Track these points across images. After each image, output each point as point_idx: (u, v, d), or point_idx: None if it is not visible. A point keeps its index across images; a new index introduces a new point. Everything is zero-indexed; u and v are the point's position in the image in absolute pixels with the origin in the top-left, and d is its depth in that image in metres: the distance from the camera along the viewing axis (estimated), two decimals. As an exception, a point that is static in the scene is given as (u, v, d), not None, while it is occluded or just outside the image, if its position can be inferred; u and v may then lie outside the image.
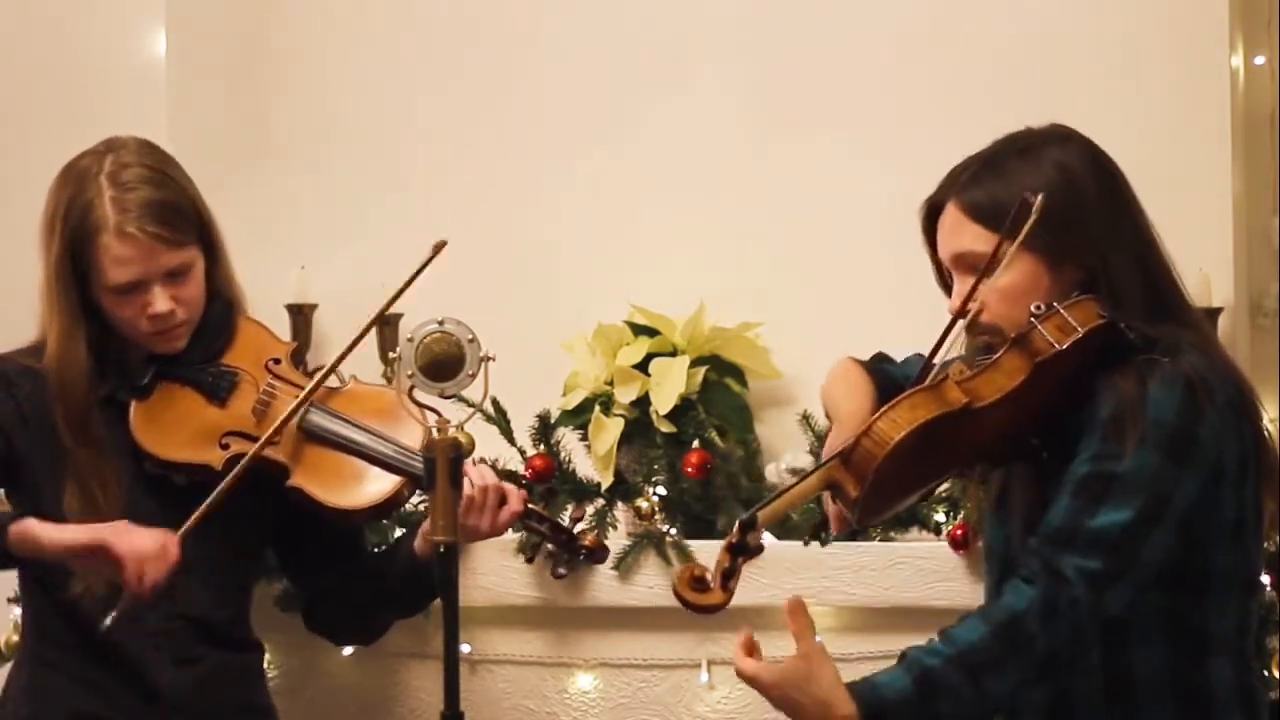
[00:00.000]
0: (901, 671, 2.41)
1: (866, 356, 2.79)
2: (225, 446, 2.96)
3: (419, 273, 2.86)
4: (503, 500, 2.95)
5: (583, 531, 3.02)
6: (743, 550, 2.40)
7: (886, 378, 2.66)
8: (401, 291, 2.90)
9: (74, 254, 2.92)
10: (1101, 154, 2.58)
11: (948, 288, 2.61)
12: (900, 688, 2.40)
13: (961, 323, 2.51)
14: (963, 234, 2.53)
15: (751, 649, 2.48)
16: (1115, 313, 2.46)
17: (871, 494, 2.45)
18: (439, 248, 2.85)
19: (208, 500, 2.86)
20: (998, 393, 2.44)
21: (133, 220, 2.88)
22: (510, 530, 3.06)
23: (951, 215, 2.55)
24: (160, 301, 2.91)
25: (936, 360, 2.52)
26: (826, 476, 2.47)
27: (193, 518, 2.84)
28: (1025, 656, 2.41)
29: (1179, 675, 2.47)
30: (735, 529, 2.40)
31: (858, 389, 2.62)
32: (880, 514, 2.62)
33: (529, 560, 3.14)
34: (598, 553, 3.04)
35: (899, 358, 2.78)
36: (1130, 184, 2.58)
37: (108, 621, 2.80)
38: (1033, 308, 2.45)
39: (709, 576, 2.40)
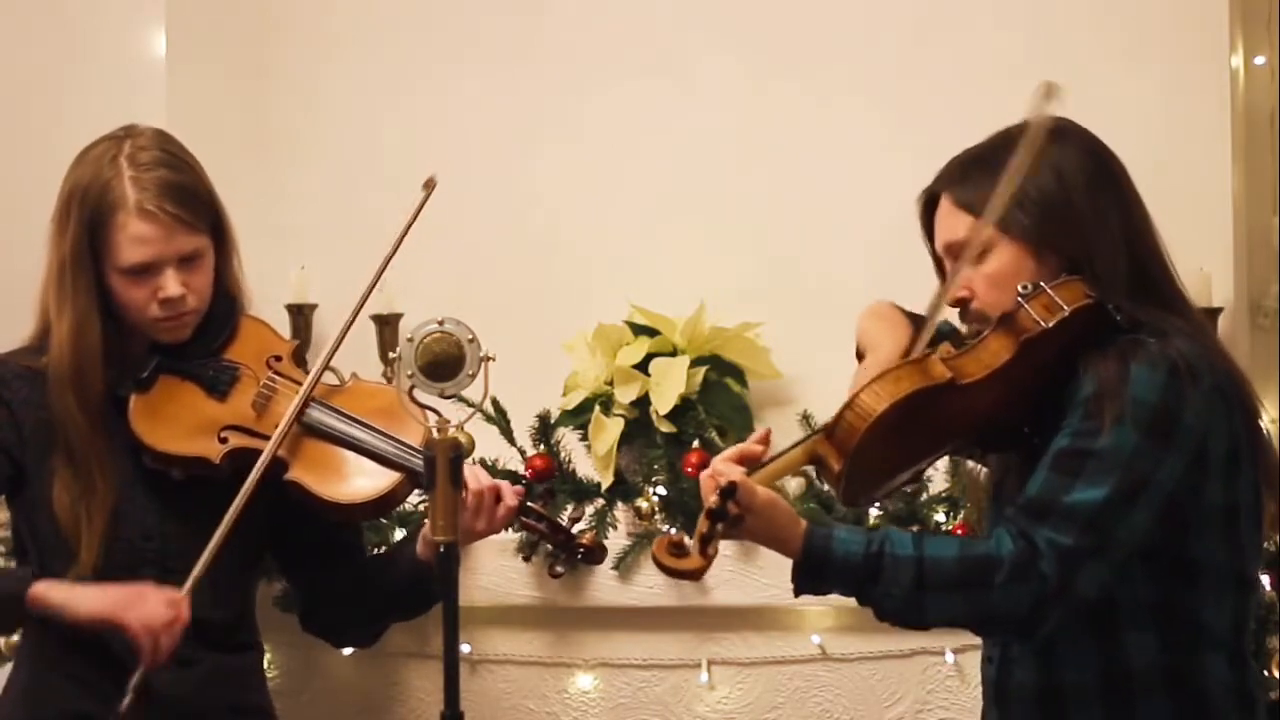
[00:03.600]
0: (863, 538, 2.43)
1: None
2: (224, 440, 2.96)
3: (415, 216, 2.85)
4: (498, 499, 2.95)
5: (580, 531, 3.01)
6: (722, 517, 2.39)
7: (919, 320, 2.66)
8: (405, 233, 2.89)
9: (90, 234, 2.92)
10: (1097, 147, 2.58)
11: (944, 277, 2.62)
12: (853, 553, 2.42)
13: (944, 305, 2.52)
14: (954, 225, 2.55)
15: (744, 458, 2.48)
16: (1102, 294, 2.46)
17: (855, 469, 2.44)
18: (429, 184, 2.85)
19: (216, 536, 2.87)
20: (984, 370, 2.45)
21: (152, 199, 2.89)
22: (510, 529, 3.06)
23: (944, 207, 2.58)
24: (172, 285, 2.92)
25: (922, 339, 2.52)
26: (810, 450, 2.47)
27: (202, 559, 2.86)
28: (974, 601, 2.42)
29: (1173, 670, 2.47)
30: (716, 495, 2.39)
31: (897, 324, 2.63)
32: (866, 493, 2.61)
33: (526, 558, 3.15)
34: (595, 552, 3.04)
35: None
36: (1127, 173, 2.58)
37: (125, 705, 2.84)
38: (1020, 287, 2.47)
39: (688, 542, 2.40)
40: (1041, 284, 2.46)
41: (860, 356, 2.66)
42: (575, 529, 3.02)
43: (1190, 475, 2.43)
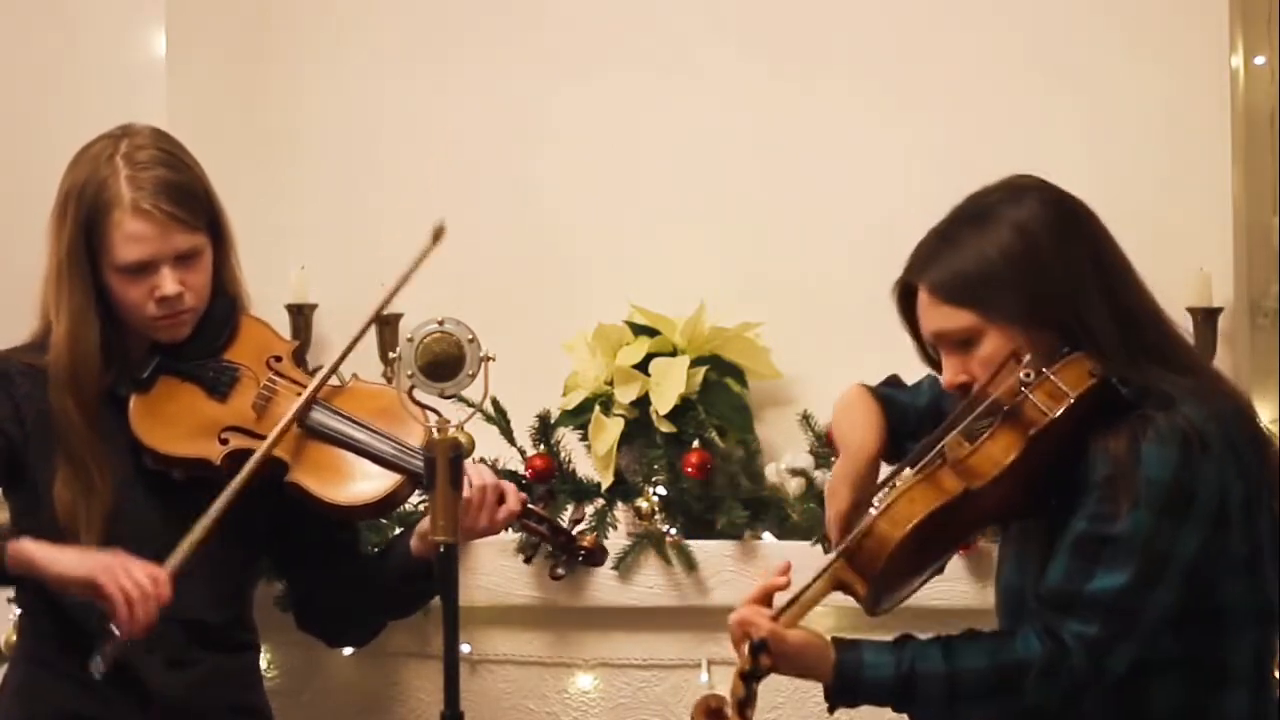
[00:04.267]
0: (892, 659, 2.45)
1: (865, 360, 2.79)
2: (224, 442, 2.96)
3: (420, 260, 2.85)
4: (501, 499, 2.95)
5: (581, 533, 3.01)
6: (756, 676, 2.43)
7: (895, 406, 2.67)
8: (404, 281, 2.89)
9: (87, 233, 2.92)
10: (1060, 198, 2.55)
11: (931, 361, 2.62)
12: (883, 676, 2.45)
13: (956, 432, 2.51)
14: (936, 315, 2.54)
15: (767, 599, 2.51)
16: (1104, 365, 2.44)
17: (880, 588, 2.47)
18: (438, 233, 2.85)
19: (205, 518, 2.85)
20: (994, 469, 2.44)
21: (148, 197, 2.90)
22: (510, 530, 3.06)
23: (922, 298, 2.56)
24: (169, 283, 2.92)
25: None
26: (834, 578, 2.49)
27: (187, 540, 2.85)
28: (1011, 702, 2.45)
29: (1195, 710, 2.47)
30: (747, 654, 2.43)
31: (866, 419, 2.64)
32: (893, 599, 2.60)
33: (527, 561, 3.14)
34: (596, 554, 3.04)
35: (900, 361, 2.77)
36: (1094, 214, 2.56)
37: (99, 668, 2.81)
38: (1021, 375, 2.44)
39: (726, 709, 2.45)
40: (1044, 370, 2.44)
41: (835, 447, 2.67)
42: (576, 530, 3.01)
43: (1211, 539, 2.43)
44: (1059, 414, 2.41)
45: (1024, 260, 2.47)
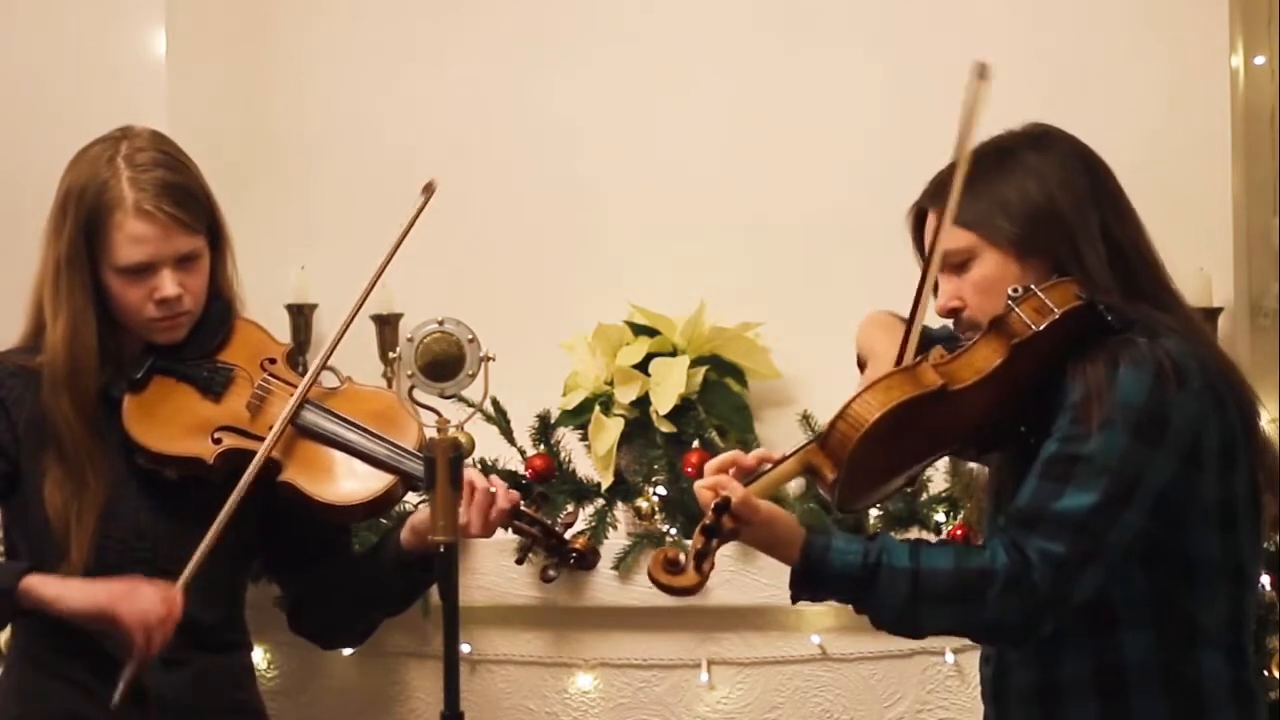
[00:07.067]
0: (860, 548, 2.44)
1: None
2: (218, 441, 2.96)
3: (416, 217, 2.85)
4: (492, 501, 2.94)
5: (574, 536, 3.01)
6: (716, 533, 2.40)
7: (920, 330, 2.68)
8: (403, 237, 2.89)
9: (87, 234, 2.92)
10: (1079, 149, 2.59)
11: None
12: (850, 564, 2.43)
13: (922, 309, 2.52)
14: (944, 237, 2.55)
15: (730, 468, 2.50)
16: (1093, 294, 2.47)
17: (849, 477, 2.44)
18: (429, 190, 2.85)
19: (210, 533, 2.86)
20: (975, 375, 2.44)
21: (150, 199, 2.90)
22: (506, 531, 3.05)
23: (930, 221, 2.58)
24: (169, 285, 2.92)
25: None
26: (804, 460, 2.47)
27: (195, 556, 2.86)
28: (970, 613, 2.43)
29: (1168, 665, 2.47)
30: (710, 511, 2.40)
31: (895, 330, 2.64)
32: (861, 498, 2.61)
33: (518, 561, 3.14)
34: (588, 557, 3.03)
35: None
36: (1111, 173, 2.59)
37: (117, 697, 2.83)
38: (1010, 290, 2.47)
39: (683, 558, 2.40)
40: (1032, 287, 2.46)
41: (862, 366, 2.66)
42: (569, 534, 3.00)
43: (1183, 474, 2.43)
44: (1043, 327, 2.43)
45: (1036, 202, 2.51)
